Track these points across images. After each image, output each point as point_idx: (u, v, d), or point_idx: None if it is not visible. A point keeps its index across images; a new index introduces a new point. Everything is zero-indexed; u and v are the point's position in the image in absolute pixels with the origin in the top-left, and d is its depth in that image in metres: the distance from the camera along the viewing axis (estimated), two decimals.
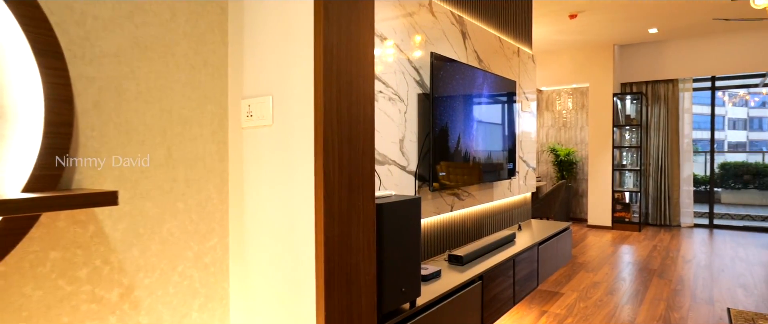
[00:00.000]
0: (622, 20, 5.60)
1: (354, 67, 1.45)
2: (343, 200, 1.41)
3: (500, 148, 3.29)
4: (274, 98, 1.48)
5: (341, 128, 1.40)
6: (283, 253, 1.46)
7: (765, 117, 27.43)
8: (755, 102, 19.40)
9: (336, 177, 1.38)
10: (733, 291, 3.90)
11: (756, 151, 22.29)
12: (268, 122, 1.49)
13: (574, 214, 7.70)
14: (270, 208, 1.49)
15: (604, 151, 6.80)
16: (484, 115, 3.04)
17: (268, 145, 1.50)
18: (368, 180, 1.51)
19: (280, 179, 1.46)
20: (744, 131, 27.00)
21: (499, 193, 3.46)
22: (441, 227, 2.82)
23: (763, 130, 27.52)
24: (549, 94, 7.94)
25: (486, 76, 3.04)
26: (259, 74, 1.52)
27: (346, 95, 1.42)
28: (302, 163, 1.40)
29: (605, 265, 4.80)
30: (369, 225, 1.52)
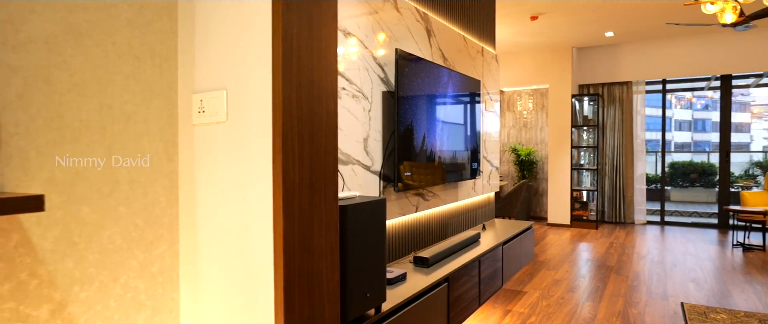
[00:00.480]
0: (580, 23, 5.74)
1: (316, 60, 1.36)
2: (303, 202, 1.32)
3: (465, 147, 3.27)
4: (228, 93, 1.37)
5: (302, 125, 1.31)
6: (239, 260, 1.35)
7: (708, 119, 29.08)
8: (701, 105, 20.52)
9: (296, 177, 1.29)
10: (686, 286, 4.05)
11: (700, 151, 23.56)
12: (221, 118, 1.37)
13: (534, 212, 7.86)
14: (225, 212, 1.38)
15: (563, 150, 6.96)
16: (449, 114, 3.01)
17: (222, 143, 1.38)
18: (331, 180, 1.43)
19: (235, 180, 1.35)
20: (689, 132, 28.51)
21: (463, 193, 3.44)
22: (406, 228, 2.76)
23: (706, 131, 29.17)
24: (510, 95, 8.07)
25: (451, 74, 3.01)
26: (212, 67, 1.41)
27: (307, 90, 1.33)
28: (259, 163, 1.30)
29: (565, 262, 4.89)
30: (332, 228, 1.43)
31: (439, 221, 3.15)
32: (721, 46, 6.47)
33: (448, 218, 3.29)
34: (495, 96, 4.11)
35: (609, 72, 7.17)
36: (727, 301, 3.64)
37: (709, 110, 30.97)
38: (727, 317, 3.29)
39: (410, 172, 2.56)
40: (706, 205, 9.39)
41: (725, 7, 3.59)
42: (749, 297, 3.73)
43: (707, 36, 6.51)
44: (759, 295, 3.78)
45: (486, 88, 3.85)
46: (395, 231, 2.65)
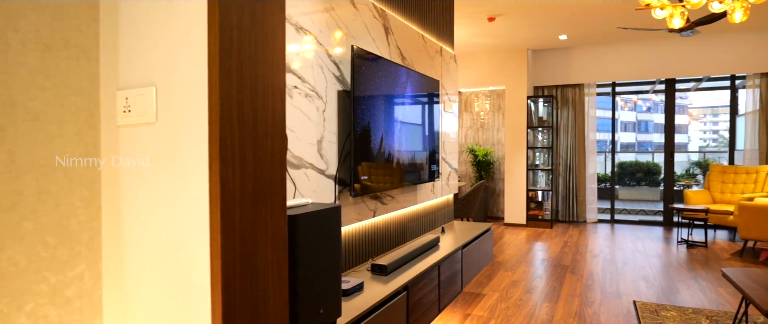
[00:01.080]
0: (536, 25, 5.81)
1: (260, 54, 1.22)
2: (246, 214, 1.17)
3: (423, 149, 3.19)
4: (158, 89, 1.20)
5: (244, 127, 1.16)
6: (173, 281, 1.19)
7: (650, 120, 30.72)
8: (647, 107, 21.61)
9: (237, 186, 1.14)
10: (637, 283, 4.14)
11: (643, 151, 24.85)
12: (151, 119, 1.20)
13: (491, 212, 7.93)
14: (156, 227, 1.21)
15: (519, 151, 7.06)
16: (407, 114, 2.92)
17: (151, 147, 1.21)
18: (278, 188, 1.28)
19: (167, 190, 1.19)
20: (633, 133, 30.03)
21: (422, 196, 3.36)
22: (363, 234, 2.64)
23: (649, 132, 30.81)
24: (468, 96, 8.11)
25: (409, 74, 2.92)
26: (139, 59, 1.23)
27: (250, 87, 1.18)
28: (194, 171, 1.14)
29: (523, 263, 4.92)
30: (279, 241, 1.29)
31: (397, 225, 3.05)
32: (666, 52, 6.75)
33: (407, 222, 3.19)
34: (453, 96, 4.06)
35: (562, 74, 7.34)
36: (676, 298, 3.75)
37: (651, 112, 32.68)
38: (677, 314, 3.37)
39: (367, 175, 2.44)
40: (652, 203, 9.83)
41: (674, 13, 3.69)
42: (695, 293, 3.85)
43: (654, 41, 6.77)
44: (704, 291, 3.92)
45: (445, 89, 3.79)
46: (352, 237, 2.52)
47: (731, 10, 3.52)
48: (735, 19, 3.52)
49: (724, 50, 6.46)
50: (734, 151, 6.94)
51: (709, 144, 29.79)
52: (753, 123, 6.43)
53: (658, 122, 30.73)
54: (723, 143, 25.53)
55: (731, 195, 6.23)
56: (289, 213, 1.45)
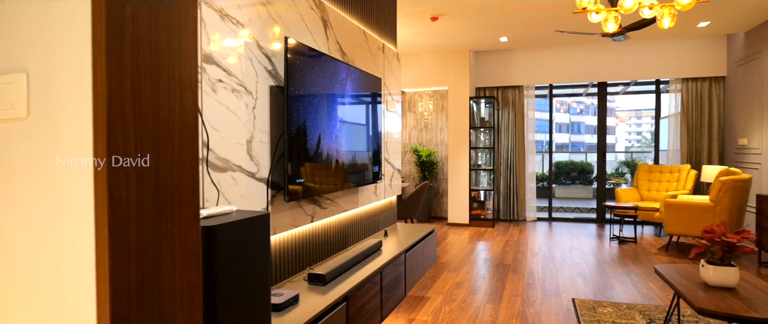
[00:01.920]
0: (477, 27, 5.85)
1: (163, 37, 1.02)
2: (145, 229, 0.97)
3: (366, 149, 3.05)
4: (30, 77, 0.97)
5: (141, 125, 0.96)
6: (47, 313, 0.96)
7: (582, 122, 32.53)
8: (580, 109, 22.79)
9: (132, 197, 0.94)
10: (575, 281, 4.24)
11: (576, 151, 26.23)
12: (20, 114, 0.97)
13: (435, 213, 7.95)
14: (27, 247, 0.98)
15: (462, 151, 7.11)
16: (348, 113, 2.76)
17: (20, 147, 0.98)
18: (189, 196, 1.09)
19: (42, 201, 0.96)
20: (567, 134, 31.67)
21: (364, 199, 3.22)
22: (300, 241, 2.46)
23: (581, 133, 32.60)
24: (411, 96, 8.08)
25: (350, 70, 2.77)
26: (6, 38, 1.00)
27: (149, 76, 0.98)
28: (76, 177, 0.92)
29: (466, 263, 4.91)
30: (191, 258, 1.10)
31: (338, 230, 2.89)
32: (599, 57, 7.05)
33: (348, 226, 3.04)
34: (397, 96, 3.96)
35: (503, 76, 7.48)
36: (611, 294, 3.85)
37: (583, 114, 34.55)
38: (613, 310, 3.46)
39: (304, 177, 2.26)
40: (585, 201, 10.30)
41: (608, 17, 3.80)
42: (629, 288, 3.99)
43: (588, 46, 7.05)
44: (636, 286, 4.06)
45: (387, 87, 3.68)
46: (287, 245, 2.34)
47: (660, 17, 3.66)
48: (663, 24, 3.66)
49: (651, 56, 6.83)
50: (659, 151, 7.37)
51: (634, 144, 31.86)
52: (675, 125, 6.85)
53: (589, 124, 32.65)
54: (646, 143, 27.47)
55: (657, 193, 6.60)
56: (206, 224, 1.26)
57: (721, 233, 2.52)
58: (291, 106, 2.12)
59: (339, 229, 2.91)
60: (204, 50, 1.73)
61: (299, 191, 2.22)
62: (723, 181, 4.84)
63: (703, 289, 2.50)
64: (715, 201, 4.90)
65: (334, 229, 2.85)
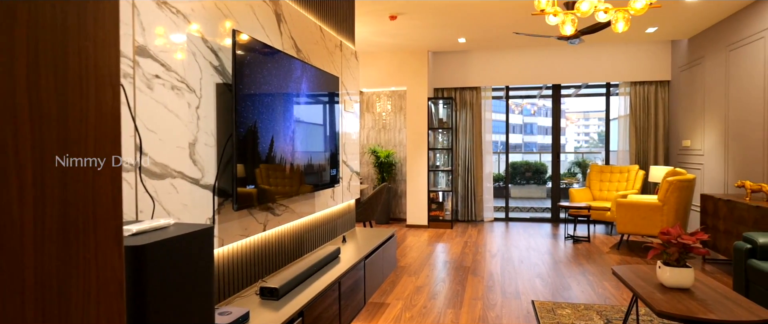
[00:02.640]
0: (436, 27, 5.80)
1: (73, 19, 0.84)
2: (47, 259, 0.79)
3: (322, 151, 2.90)
4: None
5: (39, 126, 0.78)
6: None
7: (534, 123, 33.56)
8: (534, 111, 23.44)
9: (27, 218, 0.75)
10: (533, 282, 4.25)
11: (529, 151, 27.01)
12: None
13: (394, 214, 7.86)
14: None
15: (420, 152, 7.06)
16: (303, 114, 2.60)
17: None
18: (109, 212, 0.91)
19: None
20: (520, 135, 32.57)
21: (321, 203, 3.06)
22: (251, 251, 2.28)
23: (533, 134, 33.63)
24: (369, 96, 7.97)
25: (305, 68, 2.60)
26: None
27: (52, 68, 0.80)
28: None
29: (426, 266, 4.84)
30: (111, 290, 0.91)
31: (293, 238, 2.72)
32: (553, 59, 7.19)
33: (304, 233, 2.87)
34: (355, 95, 3.82)
35: (461, 77, 7.49)
36: (569, 295, 3.88)
37: (535, 116, 35.68)
38: (571, 311, 3.47)
39: (255, 183, 2.09)
40: (539, 201, 10.54)
41: (565, 20, 3.82)
42: (585, 289, 4.03)
43: (543, 49, 7.18)
44: (592, 285, 4.12)
45: (345, 87, 3.53)
46: (237, 257, 2.15)
47: (615, 21, 3.72)
48: (618, 28, 3.72)
49: (602, 60, 7.04)
50: (609, 152, 7.61)
51: (582, 145, 33.21)
52: (624, 126, 7.09)
53: (541, 125, 33.73)
54: (593, 144, 28.67)
55: (608, 192, 6.80)
56: (133, 243, 1.07)
57: (676, 235, 2.55)
58: (240, 105, 1.94)
59: (294, 236, 2.74)
60: (138, 42, 1.52)
61: (250, 198, 2.04)
62: (670, 181, 5.02)
63: (661, 291, 2.52)
64: (663, 200, 5.07)
65: (289, 236, 2.67)
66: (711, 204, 4.73)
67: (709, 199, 4.78)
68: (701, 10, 5.09)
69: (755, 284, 3.22)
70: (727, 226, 4.38)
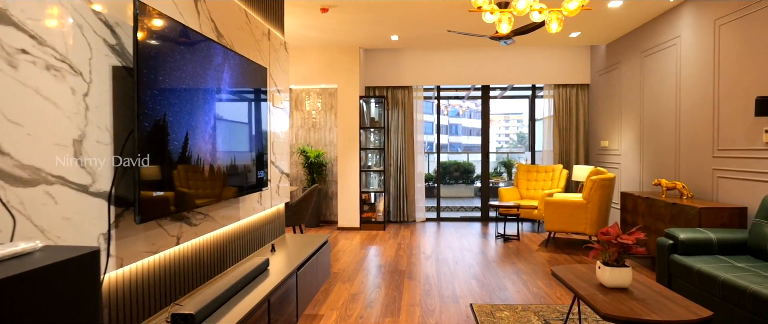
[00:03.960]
0: (369, 22, 5.60)
1: None
2: None
3: (248, 151, 2.57)
4: None
5: None
6: None
7: (460, 124, 34.69)
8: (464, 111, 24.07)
9: None
10: (469, 283, 4.17)
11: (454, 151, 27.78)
12: None
13: (325, 217, 7.56)
14: None
15: (352, 152, 6.82)
16: (225, 108, 2.26)
17: None
18: None
19: None
20: (446, 135, 33.49)
21: (247, 209, 2.72)
22: (161, 270, 1.91)
23: (458, 134, 34.75)
24: (299, 93, 7.59)
25: (228, 55, 2.27)
26: None
27: None
28: None
29: (360, 271, 4.61)
30: None
31: (214, 251, 2.37)
32: (483, 61, 7.28)
33: (227, 245, 2.52)
34: (284, 90, 3.50)
35: (393, 76, 7.36)
36: (505, 295, 3.84)
37: (460, 117, 36.90)
38: (510, 314, 3.41)
39: (165, 189, 1.73)
40: (468, 200, 10.73)
41: (502, 18, 3.78)
42: (520, 289, 4.02)
43: (474, 50, 7.25)
44: (527, 285, 4.12)
45: (274, 80, 3.21)
46: (141, 279, 1.78)
47: (549, 21, 3.73)
48: (552, 28, 3.74)
49: (528, 63, 7.24)
50: (535, 151, 7.86)
51: (503, 145, 34.82)
52: (548, 127, 7.35)
53: (466, 126, 34.94)
54: (513, 145, 30.13)
55: (535, 191, 7.00)
56: None
57: (615, 235, 2.54)
58: (144, 93, 1.59)
59: (215, 249, 2.39)
60: None
61: (158, 206, 1.68)
62: (594, 180, 5.21)
63: (601, 292, 2.50)
64: (588, 199, 5.25)
65: (209, 249, 2.32)
66: (630, 201, 4.96)
67: (628, 197, 5.01)
68: (620, 18, 5.34)
69: (677, 278, 3.36)
70: (646, 222, 4.60)
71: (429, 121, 9.08)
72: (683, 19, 4.76)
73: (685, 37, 4.72)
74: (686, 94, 4.70)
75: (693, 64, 4.58)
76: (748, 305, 2.61)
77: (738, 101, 3.95)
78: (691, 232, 3.48)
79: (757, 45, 3.74)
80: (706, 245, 3.39)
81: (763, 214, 3.26)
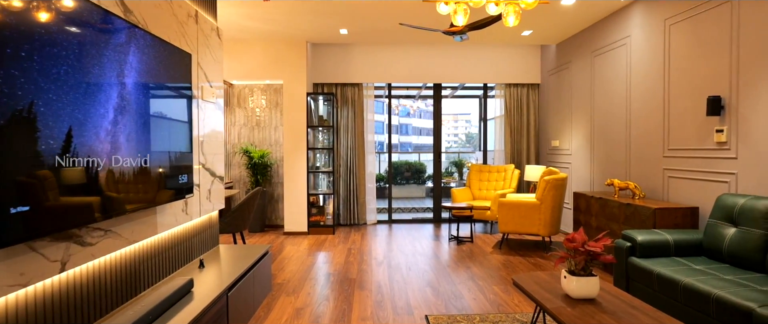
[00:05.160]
0: (315, 13, 5.24)
1: None
2: None
3: (167, 151, 2.15)
4: None
5: None
6: None
7: (410, 124, 34.79)
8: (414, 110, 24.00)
9: None
10: (424, 292, 3.92)
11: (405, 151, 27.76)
12: None
13: (270, 221, 7.10)
14: None
15: (298, 152, 6.42)
16: (131, 98, 1.85)
17: None
18: None
19: None
20: (397, 135, 33.48)
21: (167, 221, 2.31)
22: (37, 306, 1.49)
23: (409, 134, 34.83)
24: (241, 89, 7.08)
25: (135, 34, 1.86)
26: None
27: None
28: None
29: (306, 281, 4.25)
30: None
31: (121, 274, 1.95)
32: (435, 59, 7.09)
33: (139, 264, 2.10)
34: (218, 82, 3.08)
35: (343, 72, 7.03)
36: (462, 304, 3.62)
37: (410, 117, 36.98)
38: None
39: (36, 202, 1.32)
40: (420, 200, 10.57)
41: (457, 9, 3.55)
42: (477, 296, 3.81)
43: (425, 48, 7.04)
44: (483, 291, 3.93)
45: (204, 70, 2.79)
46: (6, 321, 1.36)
47: (506, 14, 3.54)
48: (509, 22, 3.55)
49: (480, 62, 7.13)
50: (487, 151, 7.78)
51: (452, 145, 35.33)
52: (500, 127, 7.27)
53: (416, 126, 35.09)
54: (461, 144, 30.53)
55: (487, 191, 6.89)
56: None
57: (582, 241, 2.35)
58: (3, 70, 1.18)
59: (123, 271, 1.97)
60: None
61: (30, 224, 1.27)
62: (547, 180, 5.12)
63: (568, 304, 2.30)
64: (541, 199, 5.16)
65: (115, 272, 1.90)
66: (583, 201, 4.90)
67: (581, 197, 4.96)
68: (572, 16, 5.29)
69: (636, 282, 3.26)
70: (600, 222, 4.54)
71: (380, 120, 8.82)
72: (633, 18, 4.76)
73: (636, 37, 4.71)
74: (637, 93, 4.69)
75: (643, 63, 4.57)
76: (712, 311, 2.50)
77: (688, 101, 3.94)
78: (648, 233, 3.39)
79: (706, 45, 3.73)
80: (664, 247, 3.31)
81: (718, 214, 3.21)
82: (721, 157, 3.57)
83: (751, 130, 3.30)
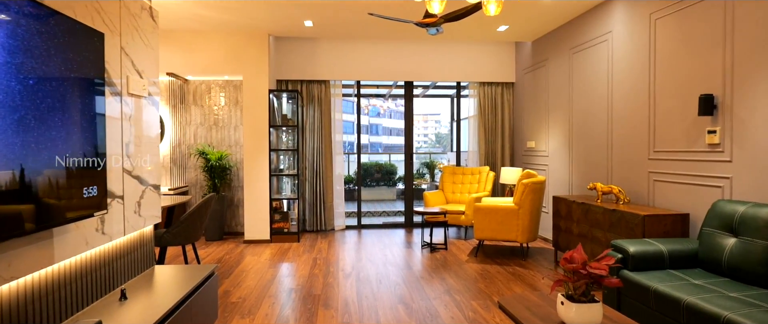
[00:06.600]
0: (278, 4, 4.76)
1: None
2: None
3: (63, 157, 1.67)
4: None
5: None
6: None
7: (380, 124, 34.40)
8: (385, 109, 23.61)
9: None
10: (396, 310, 3.53)
11: (375, 152, 27.38)
12: None
13: (230, 227, 6.56)
14: None
15: (260, 154, 5.92)
16: (11, 86, 1.37)
17: None
18: None
19: None
20: (366, 135, 33.05)
21: (70, 246, 1.82)
22: None
23: (379, 134, 34.43)
24: (197, 85, 6.51)
25: (24, 3, 1.38)
26: None
27: None
28: None
29: (265, 299, 3.79)
30: None
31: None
32: (406, 56, 6.72)
33: (26, 305, 1.62)
34: (152, 75, 2.59)
35: (308, 69, 6.56)
36: (438, 323, 3.24)
37: (380, 117, 36.59)
38: None
39: None
40: (391, 203, 10.17)
41: None
42: (454, 313, 3.45)
43: (396, 44, 6.65)
44: (461, 307, 3.57)
45: (129, 56, 2.30)
46: None
47: (486, 2, 3.19)
48: (490, 11, 3.20)
49: (452, 60, 6.80)
50: (460, 152, 7.46)
51: (422, 145, 35.16)
52: (474, 127, 6.97)
53: (386, 126, 34.72)
54: (431, 145, 30.38)
55: (461, 195, 6.56)
56: None
57: (582, 261, 2.00)
58: None
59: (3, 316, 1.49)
60: None
61: None
62: (525, 184, 4.82)
63: None
64: (519, 204, 4.86)
65: None
66: (564, 206, 4.62)
67: (561, 202, 4.68)
68: (549, 10, 5.01)
69: (628, 298, 2.96)
70: (582, 229, 4.27)
71: (348, 120, 8.39)
72: (616, 13, 4.50)
73: (618, 33, 4.46)
74: (619, 92, 4.44)
75: (626, 60, 4.32)
76: None
77: (676, 100, 3.69)
78: (640, 244, 3.10)
79: (696, 40, 3.48)
80: (658, 258, 3.03)
81: (715, 222, 2.95)
82: (714, 160, 3.33)
83: (748, 131, 3.06)
